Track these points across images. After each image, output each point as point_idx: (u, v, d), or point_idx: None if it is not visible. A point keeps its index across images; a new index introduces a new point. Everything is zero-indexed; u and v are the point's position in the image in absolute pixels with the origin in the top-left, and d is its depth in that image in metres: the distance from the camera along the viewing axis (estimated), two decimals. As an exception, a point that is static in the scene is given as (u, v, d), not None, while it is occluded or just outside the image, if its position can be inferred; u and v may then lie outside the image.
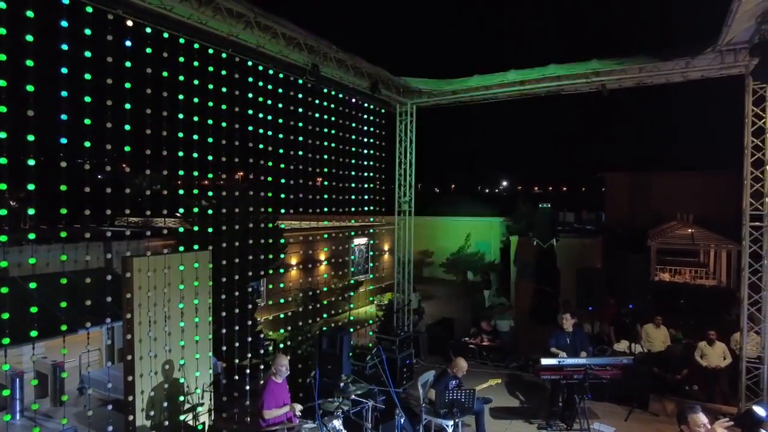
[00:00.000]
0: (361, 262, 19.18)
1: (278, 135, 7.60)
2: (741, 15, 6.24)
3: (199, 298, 6.80)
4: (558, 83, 9.21)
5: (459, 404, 6.31)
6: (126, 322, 6.10)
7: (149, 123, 5.74)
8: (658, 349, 9.87)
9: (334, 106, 9.16)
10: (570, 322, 7.74)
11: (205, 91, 6.56)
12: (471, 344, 11.20)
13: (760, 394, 7.64)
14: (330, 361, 6.91)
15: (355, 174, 10.21)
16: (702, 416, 3.92)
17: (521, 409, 8.40)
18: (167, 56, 5.96)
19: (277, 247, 9.99)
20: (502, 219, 23.55)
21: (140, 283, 6.11)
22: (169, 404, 6.33)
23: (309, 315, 10.46)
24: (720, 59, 7.87)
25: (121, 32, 5.46)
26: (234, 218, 7.66)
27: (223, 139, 6.77)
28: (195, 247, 6.94)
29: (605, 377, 7.32)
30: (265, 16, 6.83)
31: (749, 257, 7.74)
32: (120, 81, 5.32)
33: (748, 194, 7.75)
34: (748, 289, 7.76)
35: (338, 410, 5.63)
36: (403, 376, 9.21)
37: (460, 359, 7.12)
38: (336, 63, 8.29)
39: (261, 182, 7.65)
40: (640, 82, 8.83)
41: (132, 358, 6.05)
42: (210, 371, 7.10)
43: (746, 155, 7.74)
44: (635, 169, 26.74)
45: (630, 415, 7.99)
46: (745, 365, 7.80)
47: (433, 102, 10.77)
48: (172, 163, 6.17)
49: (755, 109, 7.64)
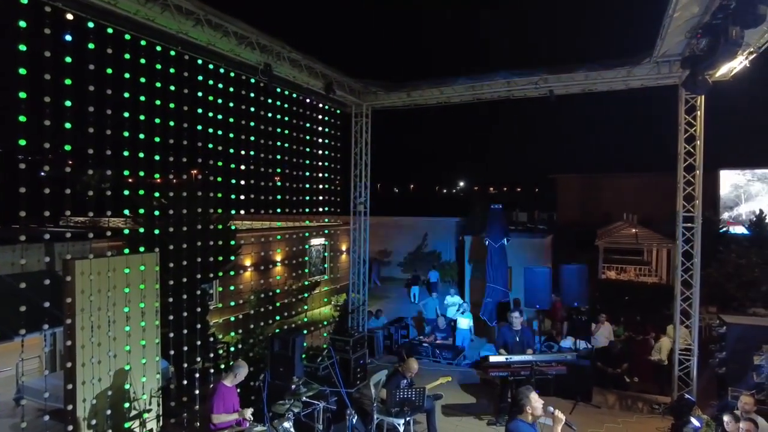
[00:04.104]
0: (317, 263, 19.08)
1: (229, 134, 7.48)
2: (673, 29, 6.64)
3: (146, 302, 6.61)
4: (508, 88, 9.51)
5: (410, 403, 6.42)
6: (66, 328, 5.86)
7: (92, 121, 5.54)
8: (602, 344, 10.35)
9: (288, 106, 9.09)
10: (519, 320, 8.01)
11: (152, 89, 6.38)
12: (424, 343, 11.38)
13: (691, 384, 8.14)
14: (282, 363, 6.89)
15: (310, 174, 10.16)
16: (536, 394, 4.25)
17: (472, 406, 8.61)
18: (111, 52, 5.76)
19: (229, 248, 9.82)
20: (458, 219, 23.98)
21: (82, 286, 5.88)
22: (114, 412, 6.13)
23: (263, 317, 10.34)
24: (657, 70, 8.33)
25: (60, 26, 5.25)
26: (182, 219, 7.48)
27: (171, 138, 6.60)
28: (141, 249, 6.74)
29: (550, 373, 7.62)
30: (216, 14, 6.71)
31: (682, 256, 8.24)
32: (59, 77, 5.11)
33: (681, 197, 8.24)
34: (681, 285, 8.26)
35: (289, 412, 5.63)
36: (356, 377, 9.25)
37: (411, 360, 7.23)
38: (290, 63, 8.23)
39: (211, 182, 7.51)
40: (586, 88, 9.20)
41: (73, 365, 5.82)
42: (158, 376, 6.91)
43: (679, 160, 8.23)
44: (586, 171, 27.78)
45: (574, 408, 8.34)
46: (677, 357, 8.30)
47: (388, 104, 10.87)
48: (118, 162, 5.98)
49: (687, 118, 8.14)
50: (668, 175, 8.64)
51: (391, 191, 61.15)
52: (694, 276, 8.16)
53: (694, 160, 8.11)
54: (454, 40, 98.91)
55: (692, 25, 6.43)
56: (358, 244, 11.39)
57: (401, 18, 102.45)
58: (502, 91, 9.63)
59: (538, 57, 76.80)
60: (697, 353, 8.24)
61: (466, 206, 24.02)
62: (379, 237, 22.12)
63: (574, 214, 24.79)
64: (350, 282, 11.59)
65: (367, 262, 11.53)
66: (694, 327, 8.23)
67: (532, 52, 68.14)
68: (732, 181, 22.06)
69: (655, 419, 7.96)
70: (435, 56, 74.65)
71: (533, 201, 32.49)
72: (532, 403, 4.15)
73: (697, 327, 8.31)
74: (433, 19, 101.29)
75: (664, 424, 7.65)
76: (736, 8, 5.06)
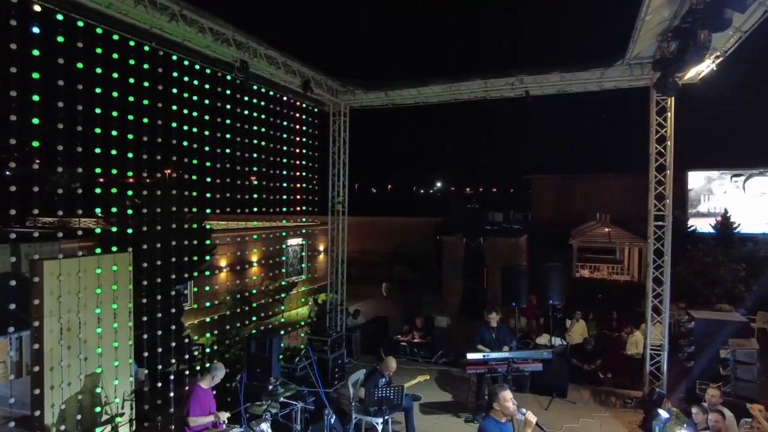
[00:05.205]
0: (294, 263, 18.94)
1: (204, 132, 7.35)
2: (645, 32, 6.82)
3: (119, 303, 6.44)
4: (485, 89, 9.61)
5: (388, 401, 6.42)
6: (34, 331, 5.67)
7: (62, 117, 5.36)
8: (576, 341, 10.55)
9: (265, 104, 8.98)
10: (495, 319, 8.10)
11: (125, 85, 6.22)
12: (402, 341, 11.40)
13: (661, 378, 8.37)
14: (259, 364, 6.82)
15: (287, 173, 10.06)
16: (509, 393, 4.21)
17: (449, 404, 8.66)
18: (82, 46, 5.59)
19: (204, 248, 9.66)
20: (435, 219, 24.12)
21: (51, 288, 5.69)
22: (84, 416, 5.95)
23: (239, 318, 10.20)
24: (629, 72, 8.53)
25: (27, 17, 5.07)
26: (156, 218, 7.32)
27: (145, 135, 6.45)
28: (113, 249, 6.57)
29: (527, 369, 7.73)
30: (192, 9, 6.59)
31: (653, 254, 8.46)
32: (27, 70, 4.94)
33: (652, 196, 8.46)
34: (653, 283, 8.47)
35: (266, 413, 5.57)
36: (334, 377, 9.22)
37: (389, 359, 7.23)
38: (266, 60, 8.14)
39: (186, 181, 7.37)
40: (561, 89, 9.36)
41: (41, 369, 5.63)
42: (131, 379, 6.75)
43: (651, 161, 8.44)
44: (561, 171, 28.27)
45: (550, 404, 8.47)
46: (649, 352, 8.51)
47: (366, 103, 10.86)
48: (89, 160, 5.81)
49: (658, 119, 8.36)
50: (641, 176, 8.86)
51: (369, 191, 61.11)
52: (665, 273, 8.39)
53: (665, 160, 8.34)
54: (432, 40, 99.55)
55: (663, 28, 6.61)
56: (336, 244, 11.35)
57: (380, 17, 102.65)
58: (479, 91, 9.72)
59: (514, 57, 77.84)
60: (668, 348, 8.47)
61: (444, 206, 24.18)
62: (357, 237, 22.07)
63: (549, 214, 25.17)
64: (328, 282, 11.53)
65: (345, 261, 11.50)
66: (664, 323, 8.46)
67: (507, 53, 68.99)
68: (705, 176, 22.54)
69: (627, 413, 8.15)
70: (413, 57, 74.96)
71: (509, 201, 32.91)
72: (501, 402, 4.12)
73: (667, 323, 8.54)
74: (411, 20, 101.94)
75: (636, 417, 7.83)
76: (705, 12, 5.23)
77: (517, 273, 10.09)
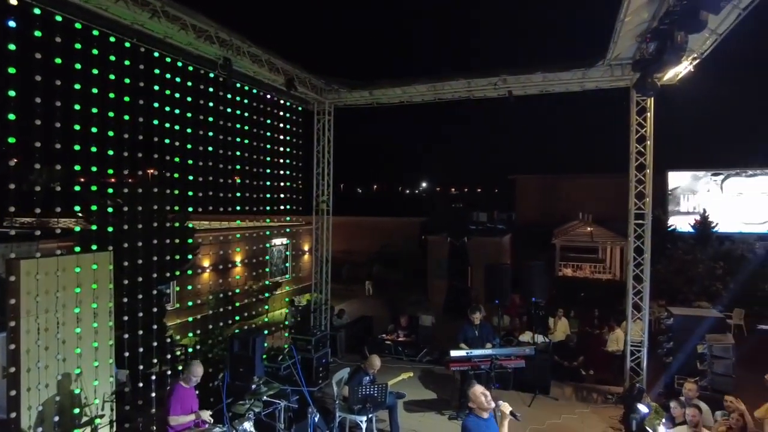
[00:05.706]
0: (278, 263, 18.83)
1: (187, 130, 7.27)
2: (624, 33, 6.93)
3: (99, 302, 6.33)
4: (468, 89, 9.67)
5: (372, 399, 6.43)
6: (10, 331, 5.55)
7: (40, 113, 5.27)
8: (559, 338, 10.68)
9: (248, 102, 8.91)
10: (478, 316, 8.15)
11: (105, 81, 6.12)
12: (387, 340, 11.42)
13: (641, 374, 8.51)
14: (242, 363, 6.76)
15: (271, 172, 9.98)
16: (479, 387, 4.28)
17: (433, 402, 8.70)
18: (60, 41, 5.50)
19: (187, 247, 9.56)
20: (421, 219, 24.21)
21: (29, 287, 5.58)
22: (62, 418, 5.85)
23: (222, 318, 10.12)
24: (610, 72, 8.66)
25: (2, 11, 4.97)
26: (137, 217, 7.22)
27: (125, 132, 6.36)
28: (93, 248, 6.46)
29: (510, 366, 7.80)
30: (174, 6, 6.52)
31: (633, 252, 8.60)
32: (2, 65, 4.84)
33: (632, 195, 8.61)
34: (633, 280, 8.62)
35: (249, 412, 5.53)
36: (319, 376, 9.19)
37: (373, 357, 7.24)
38: (250, 57, 8.08)
39: (168, 179, 7.28)
40: (543, 89, 9.46)
41: (17, 371, 5.51)
42: (111, 380, 6.65)
43: (631, 160, 8.59)
44: (544, 172, 28.58)
45: (533, 401, 8.56)
46: (629, 349, 8.65)
47: (351, 102, 10.85)
48: (68, 157, 5.71)
49: (638, 119, 8.51)
50: (622, 176, 9.00)
51: (354, 191, 61.02)
52: (645, 270, 8.53)
53: (645, 160, 8.49)
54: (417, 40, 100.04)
55: (642, 29, 6.73)
56: (320, 244, 11.32)
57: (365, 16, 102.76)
58: (463, 91, 9.78)
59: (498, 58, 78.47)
60: (647, 344, 8.62)
61: (429, 206, 24.28)
62: (343, 237, 22.05)
63: (533, 214, 25.46)
64: (312, 282, 11.50)
65: (330, 261, 11.48)
66: (644, 319, 8.61)
67: (490, 53, 69.61)
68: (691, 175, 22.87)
69: (608, 408, 8.27)
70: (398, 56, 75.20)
71: (493, 201, 33.15)
72: (473, 399, 4.15)
73: (647, 320, 8.69)
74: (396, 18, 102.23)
75: (616, 412, 7.96)
76: (681, 14, 5.34)
77: (500, 271, 10.18)
